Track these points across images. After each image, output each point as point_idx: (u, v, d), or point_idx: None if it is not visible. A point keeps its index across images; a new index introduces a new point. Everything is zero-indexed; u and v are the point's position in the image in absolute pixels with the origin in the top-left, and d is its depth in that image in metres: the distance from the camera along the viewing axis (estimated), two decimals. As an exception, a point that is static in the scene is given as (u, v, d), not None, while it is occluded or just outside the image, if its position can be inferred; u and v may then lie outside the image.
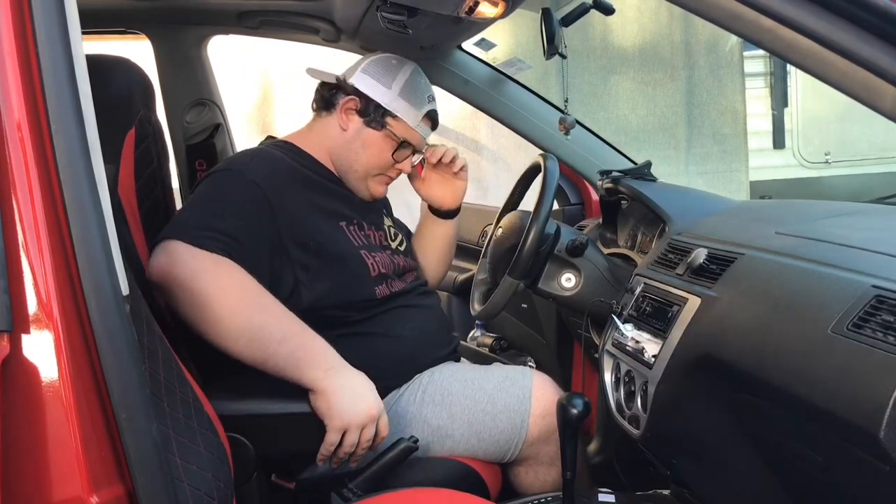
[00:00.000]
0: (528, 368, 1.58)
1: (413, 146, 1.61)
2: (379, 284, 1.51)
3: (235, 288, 1.25)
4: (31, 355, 0.77)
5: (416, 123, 1.59)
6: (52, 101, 0.77)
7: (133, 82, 1.33)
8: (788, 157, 5.40)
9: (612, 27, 4.72)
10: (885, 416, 0.81)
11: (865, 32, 0.80)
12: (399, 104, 1.57)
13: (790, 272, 1.10)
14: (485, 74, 2.09)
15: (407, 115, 1.58)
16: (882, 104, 0.80)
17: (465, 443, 1.46)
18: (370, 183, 1.61)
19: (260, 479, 1.29)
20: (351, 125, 1.58)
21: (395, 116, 1.57)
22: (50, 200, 0.77)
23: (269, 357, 1.22)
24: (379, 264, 1.53)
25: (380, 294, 1.50)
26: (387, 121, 1.57)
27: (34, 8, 0.78)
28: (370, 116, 1.57)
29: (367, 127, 1.57)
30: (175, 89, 2.26)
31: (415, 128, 1.59)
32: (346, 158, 1.59)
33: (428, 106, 1.61)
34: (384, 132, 1.57)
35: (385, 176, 1.62)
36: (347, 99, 1.57)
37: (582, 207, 2.25)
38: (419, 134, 1.61)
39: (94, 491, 0.77)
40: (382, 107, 1.56)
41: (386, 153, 1.58)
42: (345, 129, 1.58)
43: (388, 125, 1.57)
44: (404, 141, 1.59)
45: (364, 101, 1.57)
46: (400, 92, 1.57)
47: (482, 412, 1.46)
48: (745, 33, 0.86)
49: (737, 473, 1.23)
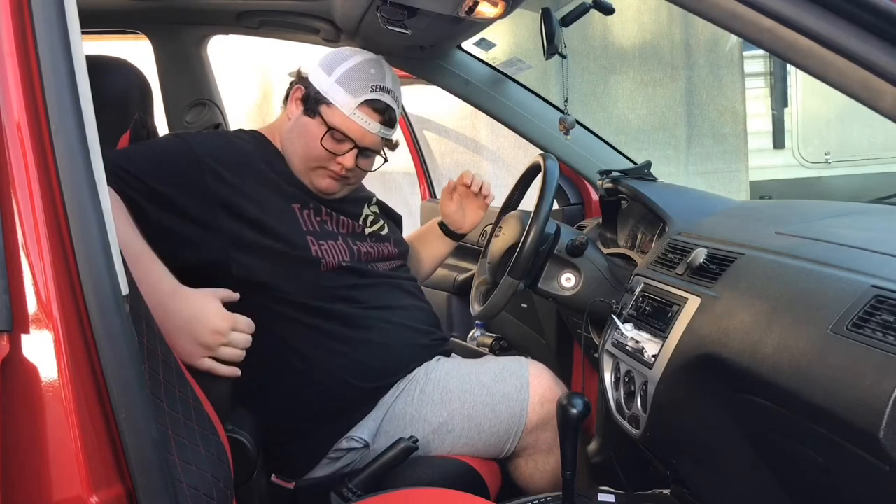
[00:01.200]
0: (523, 358, 1.59)
1: (351, 138, 1.51)
2: (329, 270, 1.48)
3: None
4: (30, 355, 0.77)
5: (351, 111, 1.49)
6: (51, 101, 0.77)
7: (131, 84, 1.33)
8: (788, 157, 5.39)
9: (612, 27, 4.71)
10: (885, 416, 0.81)
11: (865, 32, 0.80)
12: (334, 90, 1.50)
13: (790, 272, 1.10)
14: (485, 74, 2.09)
15: (340, 101, 1.49)
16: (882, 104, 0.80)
17: (466, 437, 1.46)
18: (312, 177, 1.54)
19: (260, 479, 1.29)
20: (294, 114, 1.55)
21: (328, 103, 1.50)
22: (50, 200, 0.77)
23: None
24: (329, 252, 1.49)
25: (328, 283, 1.47)
26: (320, 108, 1.51)
27: (34, 8, 0.77)
28: (307, 104, 1.53)
29: (303, 115, 1.53)
30: (175, 89, 2.26)
31: (349, 115, 1.49)
32: (287, 149, 1.55)
33: (370, 95, 1.50)
34: (316, 119, 1.51)
35: (326, 169, 1.53)
36: (296, 87, 1.56)
37: (582, 207, 2.25)
38: (357, 124, 1.50)
39: (94, 491, 0.77)
40: (320, 93, 1.51)
41: (317, 142, 1.50)
42: (290, 117, 1.56)
43: (320, 112, 1.51)
44: (334, 128, 1.50)
45: (308, 88, 1.54)
46: (338, 78, 1.50)
47: (482, 405, 1.46)
48: (745, 33, 0.86)
49: (737, 473, 1.23)
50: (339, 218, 1.58)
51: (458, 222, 1.83)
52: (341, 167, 1.52)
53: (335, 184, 1.55)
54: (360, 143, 1.52)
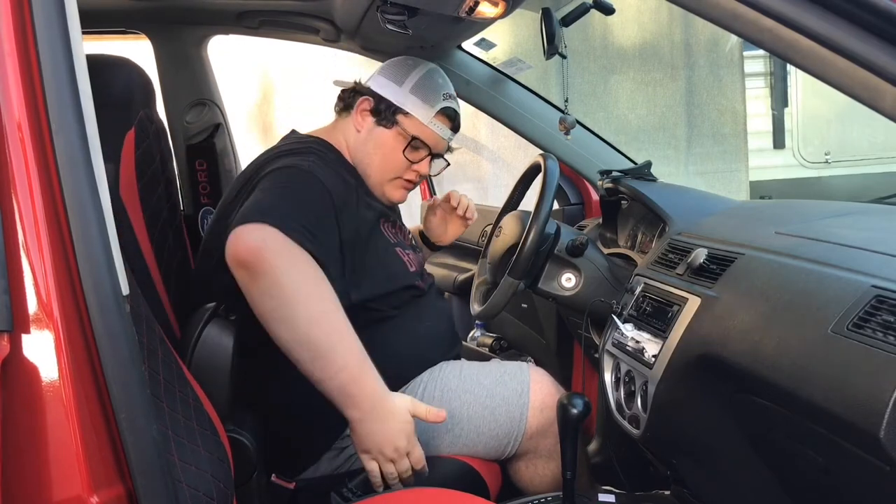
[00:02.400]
0: (525, 363, 1.59)
1: (428, 146, 1.58)
2: (417, 279, 1.55)
3: (320, 298, 1.24)
4: (31, 355, 0.77)
5: (429, 120, 1.56)
6: (52, 100, 0.77)
7: (133, 82, 1.33)
8: (788, 157, 5.39)
9: (612, 27, 4.72)
10: (885, 416, 0.81)
11: (865, 32, 0.80)
12: (409, 100, 1.55)
13: (790, 272, 1.10)
14: (485, 74, 2.09)
15: (418, 111, 1.56)
16: (882, 104, 0.80)
17: (465, 438, 1.46)
18: (387, 189, 1.59)
19: (260, 479, 1.29)
20: (365, 125, 1.58)
21: (405, 113, 1.56)
22: (50, 200, 0.77)
23: (323, 379, 1.23)
24: (412, 262, 1.56)
25: (419, 286, 1.54)
26: (397, 118, 1.56)
27: (34, 8, 0.77)
28: (381, 115, 1.56)
29: (378, 126, 1.56)
30: (175, 89, 2.25)
31: (427, 124, 1.56)
32: (362, 161, 1.58)
33: (443, 103, 1.57)
34: (395, 129, 1.56)
35: (402, 180, 1.60)
36: (362, 99, 1.58)
37: (582, 207, 2.25)
38: (434, 132, 1.58)
39: (94, 491, 0.77)
40: (394, 104, 1.56)
41: (397, 152, 1.56)
42: (359, 129, 1.58)
43: (398, 122, 1.56)
44: (415, 138, 1.56)
45: (377, 100, 1.57)
46: (412, 89, 1.56)
47: (482, 406, 1.46)
48: (745, 33, 0.86)
49: (736, 473, 1.23)
50: (402, 230, 1.64)
51: (439, 235, 1.86)
52: (416, 174, 1.59)
53: (406, 193, 1.62)
54: (434, 150, 1.59)
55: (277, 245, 1.23)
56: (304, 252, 1.25)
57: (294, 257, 1.24)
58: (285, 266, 1.22)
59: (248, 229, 1.24)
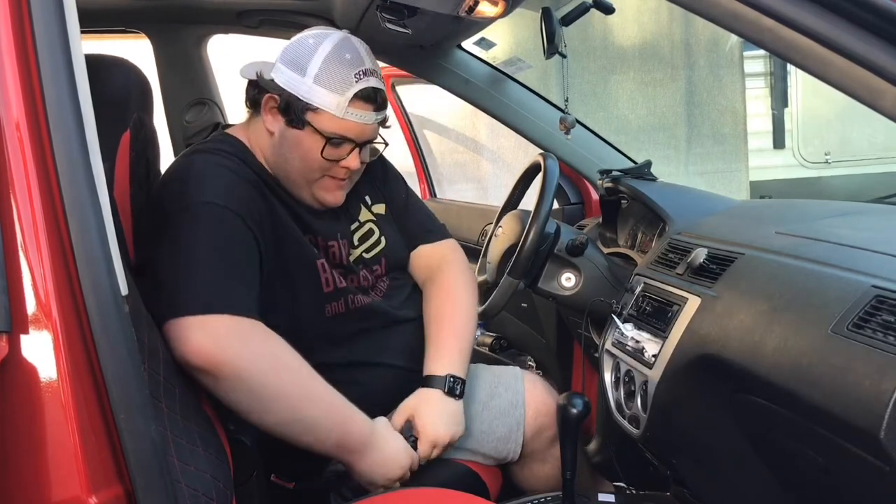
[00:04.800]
0: (517, 369, 1.56)
1: (350, 138, 1.34)
2: (332, 301, 1.38)
3: (287, 373, 1.19)
4: (30, 356, 0.77)
5: (343, 111, 1.31)
6: (51, 100, 0.77)
7: (130, 83, 1.32)
8: (788, 157, 5.39)
9: (612, 27, 4.71)
10: (886, 416, 0.81)
11: (865, 32, 0.80)
12: (316, 93, 1.30)
13: (790, 272, 1.10)
14: (485, 74, 2.09)
15: (327, 103, 1.30)
16: (882, 104, 0.80)
17: (463, 454, 1.46)
18: (315, 190, 1.38)
19: (260, 479, 1.29)
20: (276, 127, 1.36)
21: (315, 109, 1.31)
22: (49, 200, 0.77)
23: (313, 443, 1.23)
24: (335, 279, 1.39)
25: (330, 312, 1.38)
26: (307, 116, 1.32)
27: (33, 8, 0.77)
28: (290, 114, 1.33)
29: (289, 127, 1.34)
30: (175, 88, 2.26)
31: (342, 117, 1.31)
32: (279, 165, 1.38)
33: (356, 86, 1.30)
34: (306, 130, 1.33)
35: (331, 178, 1.38)
36: (267, 97, 1.35)
37: (582, 207, 2.25)
38: (352, 122, 1.32)
39: (93, 491, 0.77)
40: (300, 100, 1.31)
41: (316, 153, 1.33)
42: (272, 131, 1.36)
43: (308, 122, 1.32)
44: (331, 136, 1.33)
45: (282, 97, 1.33)
46: (315, 78, 1.30)
47: (479, 420, 1.46)
48: (745, 33, 0.86)
49: (737, 473, 1.23)
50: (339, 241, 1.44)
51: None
52: (346, 171, 1.38)
53: (341, 193, 1.42)
54: (360, 140, 1.36)
55: (227, 340, 1.13)
56: (252, 327, 1.17)
57: (247, 346, 1.15)
58: (244, 363, 1.14)
59: (187, 331, 1.11)
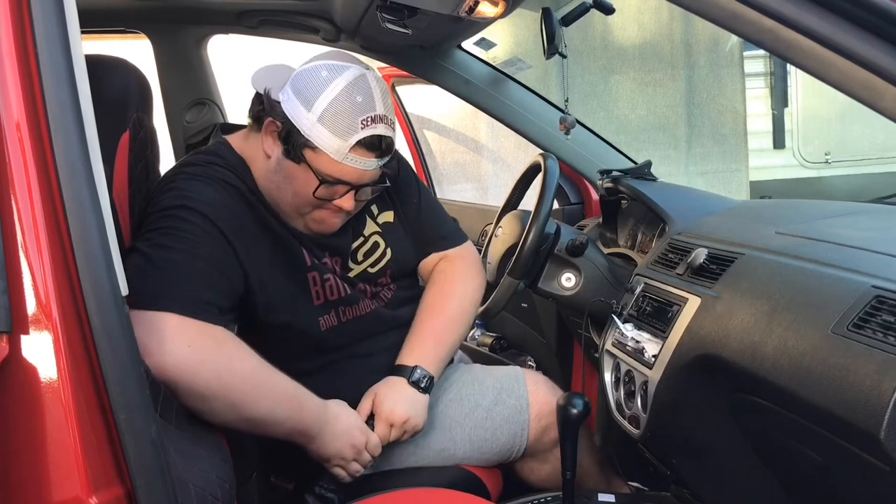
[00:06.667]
0: (519, 371, 1.55)
1: (346, 182, 1.27)
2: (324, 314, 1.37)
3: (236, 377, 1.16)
4: (30, 356, 0.77)
5: (343, 157, 1.24)
6: (51, 101, 0.77)
7: (130, 83, 1.32)
8: (788, 157, 5.39)
9: (612, 27, 4.71)
10: (886, 416, 0.81)
11: (865, 32, 0.80)
12: (317, 132, 1.23)
13: (790, 272, 1.10)
14: (485, 74, 2.09)
15: (327, 146, 1.23)
16: (882, 104, 0.80)
17: (468, 460, 1.46)
18: (307, 220, 1.33)
19: (260, 479, 1.29)
20: (274, 153, 1.29)
21: (314, 148, 1.24)
22: (49, 201, 0.77)
23: (269, 434, 1.24)
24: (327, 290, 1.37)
25: (324, 326, 1.37)
26: (305, 153, 1.25)
27: (33, 8, 0.77)
28: (289, 144, 1.26)
29: (285, 157, 1.27)
30: (175, 89, 2.26)
31: (341, 161, 1.24)
32: (271, 191, 1.32)
33: (362, 133, 1.23)
34: (302, 166, 1.26)
35: (324, 210, 1.31)
36: (269, 121, 1.28)
37: (582, 207, 2.25)
38: (351, 168, 1.26)
39: (94, 492, 0.77)
40: (301, 135, 1.24)
41: (308, 190, 1.27)
42: (269, 154, 1.30)
43: (305, 158, 1.25)
44: (326, 179, 1.26)
45: (285, 124, 1.26)
46: (320, 116, 1.22)
47: (483, 429, 1.46)
48: (745, 33, 0.86)
49: (737, 473, 1.23)
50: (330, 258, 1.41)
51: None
52: (339, 209, 1.31)
53: (336, 222, 1.35)
54: (357, 184, 1.29)
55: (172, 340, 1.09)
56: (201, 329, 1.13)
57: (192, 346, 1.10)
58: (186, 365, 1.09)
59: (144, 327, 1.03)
